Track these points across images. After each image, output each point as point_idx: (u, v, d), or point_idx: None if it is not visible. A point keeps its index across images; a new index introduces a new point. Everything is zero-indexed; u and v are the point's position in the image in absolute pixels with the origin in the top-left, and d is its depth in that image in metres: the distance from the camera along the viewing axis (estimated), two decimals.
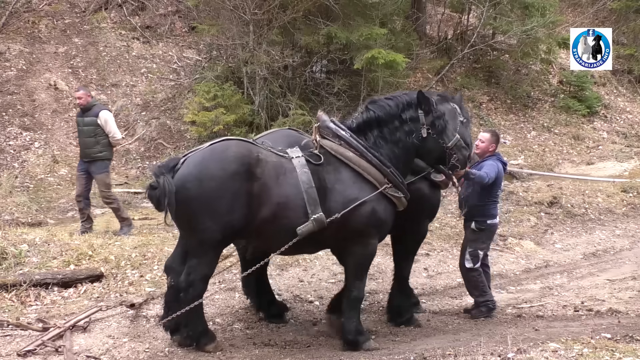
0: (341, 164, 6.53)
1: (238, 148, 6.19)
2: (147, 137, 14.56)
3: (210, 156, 6.16)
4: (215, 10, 15.25)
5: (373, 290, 8.66)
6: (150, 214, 11.58)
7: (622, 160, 16.90)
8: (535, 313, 8.07)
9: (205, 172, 6.04)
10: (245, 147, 6.26)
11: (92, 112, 10.43)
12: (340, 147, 6.56)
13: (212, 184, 5.98)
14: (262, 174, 6.11)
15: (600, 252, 10.87)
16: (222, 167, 6.05)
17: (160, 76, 16.24)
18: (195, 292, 6.21)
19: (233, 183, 6.00)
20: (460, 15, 19.32)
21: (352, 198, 6.40)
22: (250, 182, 6.05)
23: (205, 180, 6.00)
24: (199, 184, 6.00)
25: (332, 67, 15.71)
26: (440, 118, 6.81)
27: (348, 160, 6.52)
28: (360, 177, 6.51)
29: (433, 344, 6.63)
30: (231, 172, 6.01)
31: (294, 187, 6.24)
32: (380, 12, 15.12)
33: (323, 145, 6.61)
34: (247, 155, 6.12)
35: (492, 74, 19.03)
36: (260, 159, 6.16)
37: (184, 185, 5.99)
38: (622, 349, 5.90)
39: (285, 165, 6.31)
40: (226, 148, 6.19)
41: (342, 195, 6.40)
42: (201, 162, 6.10)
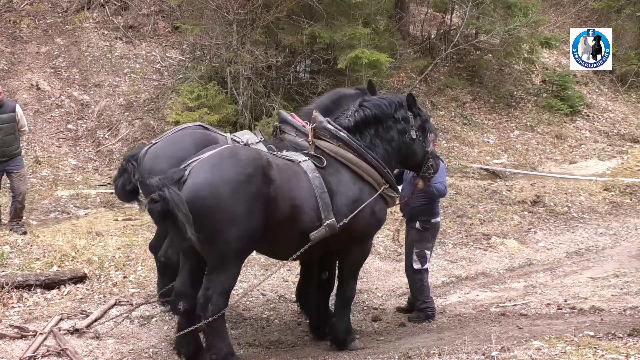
0: (341, 166, 6.43)
1: (248, 151, 5.95)
2: (130, 138, 14.49)
3: (220, 161, 5.74)
4: (199, 10, 15.22)
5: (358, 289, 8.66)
6: (133, 214, 11.53)
7: (604, 159, 17.01)
8: (519, 311, 8.11)
9: (219, 177, 5.62)
10: (254, 150, 6.09)
11: (8, 108, 10.17)
12: (340, 149, 6.45)
13: (229, 188, 5.58)
14: (276, 176, 5.85)
15: (583, 250, 10.92)
16: (236, 171, 5.67)
17: (143, 76, 16.18)
18: (216, 309, 5.68)
19: (250, 186, 5.64)
20: (444, 14, 19.39)
21: (355, 200, 6.34)
22: (266, 184, 5.74)
23: (221, 185, 5.58)
24: (215, 190, 5.56)
25: (316, 66, 15.72)
26: (427, 122, 6.94)
27: (348, 161, 6.42)
28: (359, 178, 6.45)
29: (417, 342, 6.64)
30: (247, 175, 5.66)
31: (306, 191, 6.07)
32: (363, 12, 15.15)
33: (320, 147, 6.47)
34: (258, 158, 5.83)
35: (475, 73, 19.11)
36: (270, 161, 5.90)
37: (198, 194, 5.53)
38: (604, 346, 5.93)
39: (294, 168, 6.13)
40: (236, 152, 5.88)
41: (346, 198, 6.32)
42: (212, 169, 5.67)
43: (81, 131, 14.65)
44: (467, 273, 9.72)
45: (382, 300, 8.53)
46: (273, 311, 7.83)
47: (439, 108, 17.39)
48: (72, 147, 14.29)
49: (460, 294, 8.88)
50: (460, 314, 8.07)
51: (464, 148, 16.82)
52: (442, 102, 17.88)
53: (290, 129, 6.98)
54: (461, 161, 15.97)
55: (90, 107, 15.08)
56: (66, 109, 15.03)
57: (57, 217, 11.51)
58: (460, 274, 9.58)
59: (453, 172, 14.67)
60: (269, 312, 7.81)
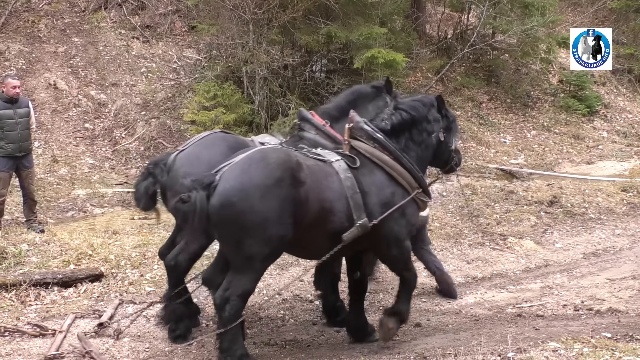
0: (375, 167, 6.41)
1: (277, 154, 5.92)
2: (146, 137, 14.55)
3: (249, 166, 5.77)
4: (215, 9, 15.26)
5: (373, 290, 8.66)
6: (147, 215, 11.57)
7: (622, 159, 16.90)
8: (535, 312, 8.06)
9: (248, 182, 5.64)
10: (283, 151, 6.04)
11: (23, 103, 10.23)
12: (376, 150, 6.44)
13: (258, 193, 5.60)
14: (307, 179, 5.84)
15: (600, 251, 10.85)
16: (265, 175, 5.69)
17: (160, 75, 16.24)
18: (233, 311, 5.74)
19: (279, 190, 5.66)
20: (460, 14, 19.34)
21: (387, 202, 6.31)
22: (295, 187, 5.75)
23: (250, 190, 5.61)
24: (245, 196, 5.60)
25: (332, 66, 15.71)
26: (453, 122, 7.12)
27: (383, 163, 6.41)
28: (393, 180, 6.43)
29: (433, 343, 6.63)
30: (276, 179, 5.67)
31: (337, 192, 6.06)
32: (380, 12, 15.13)
33: (355, 147, 6.47)
34: (288, 160, 5.83)
35: (492, 73, 19.04)
36: (300, 163, 5.90)
37: (228, 200, 5.59)
38: (622, 348, 5.91)
39: (325, 169, 6.12)
40: (265, 155, 5.87)
41: (378, 199, 6.28)
42: (242, 174, 5.71)
43: (98, 130, 14.73)
44: (483, 274, 9.68)
45: None
46: (289, 310, 7.84)
47: (456, 108, 17.32)
48: (89, 146, 14.38)
49: (476, 295, 8.85)
50: (476, 314, 8.04)
51: (480, 148, 16.77)
52: (458, 102, 17.83)
53: (310, 127, 7.06)
54: (477, 161, 15.93)
55: (107, 106, 15.16)
56: (83, 108, 15.12)
57: (74, 216, 11.58)
58: (476, 274, 9.54)
59: (469, 173, 14.64)
60: (285, 311, 7.82)
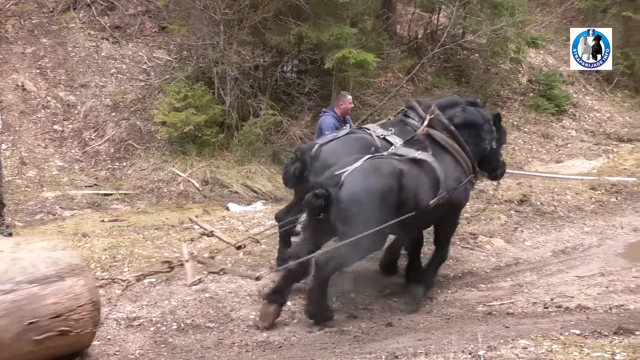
0: (444, 151, 8.11)
1: (387, 166, 7.50)
2: (117, 138, 14.42)
3: (368, 175, 7.37)
4: (186, 10, 15.20)
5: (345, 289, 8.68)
6: (120, 215, 11.51)
7: (590, 158, 17.08)
8: (505, 310, 8.12)
9: (369, 188, 7.27)
10: (391, 164, 7.54)
11: None
12: (448, 139, 8.16)
13: (377, 196, 7.22)
14: (408, 184, 7.47)
15: (569, 249, 10.94)
16: (382, 183, 7.34)
17: (130, 77, 16.11)
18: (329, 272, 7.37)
19: (390, 195, 7.32)
20: (431, 14, 19.39)
21: (456, 179, 8.06)
22: (401, 192, 7.39)
23: (371, 193, 7.22)
24: (367, 197, 7.20)
25: (303, 66, 15.70)
26: (504, 135, 9.11)
27: (453, 149, 8.14)
28: (458, 163, 8.15)
29: (405, 342, 6.65)
30: (389, 186, 7.34)
31: (427, 184, 7.69)
32: (350, 12, 15.14)
33: (431, 134, 8.14)
34: (395, 171, 7.44)
35: (462, 73, 19.12)
36: (403, 171, 7.48)
37: (354, 198, 7.20)
38: (590, 344, 5.96)
39: (417, 169, 7.69)
40: (379, 167, 7.47)
41: (451, 177, 7.96)
42: (364, 181, 7.31)
43: (67, 132, 14.58)
44: (454, 272, 9.72)
45: (370, 300, 8.53)
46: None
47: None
48: (58, 148, 14.22)
49: (447, 294, 8.89)
50: (447, 313, 8.08)
51: None
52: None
53: (415, 114, 8.89)
54: None
55: (77, 107, 15.00)
56: (52, 109, 14.95)
57: (42, 219, 11.47)
58: (447, 273, 9.58)
59: None
60: (256, 312, 7.80)
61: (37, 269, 5.86)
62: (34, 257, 5.95)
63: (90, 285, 6.08)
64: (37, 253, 6.02)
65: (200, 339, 6.95)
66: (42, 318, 5.71)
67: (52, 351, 5.90)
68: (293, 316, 7.78)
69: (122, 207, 12.26)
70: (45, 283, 5.81)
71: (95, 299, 6.07)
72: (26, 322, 5.64)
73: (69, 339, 5.88)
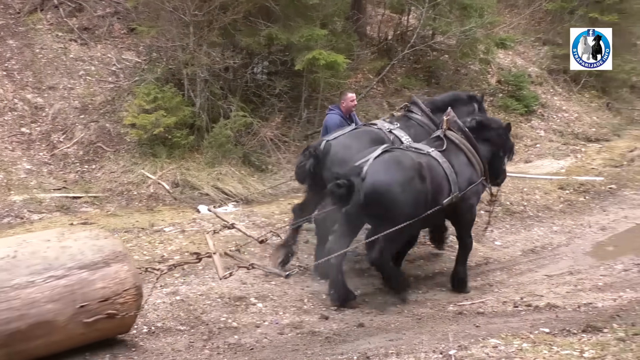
0: (459, 151, 8.77)
1: (407, 158, 8.18)
2: (85, 141, 14.26)
3: (389, 166, 8.03)
4: (155, 11, 15.07)
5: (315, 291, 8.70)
6: (89, 218, 11.41)
7: (558, 158, 17.24)
8: (476, 310, 8.19)
9: (391, 179, 7.91)
10: (410, 157, 8.22)
11: None
12: (463, 139, 8.84)
13: (399, 187, 7.90)
14: (427, 174, 8.14)
15: (539, 248, 11.07)
16: (403, 174, 7.99)
17: (98, 78, 15.94)
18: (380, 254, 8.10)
19: (411, 185, 7.99)
20: (400, 16, 19.42)
21: (469, 179, 8.69)
22: (421, 182, 8.06)
23: (393, 184, 7.89)
24: (389, 187, 7.87)
25: (273, 68, 15.65)
26: (512, 147, 9.83)
27: (467, 149, 8.80)
28: (471, 163, 8.79)
29: (376, 343, 6.68)
30: (410, 177, 8.00)
31: (444, 177, 8.38)
32: (320, 13, 15.12)
33: (448, 135, 8.83)
34: (416, 164, 8.10)
35: (432, 74, 19.18)
36: (422, 163, 8.17)
37: (376, 189, 7.82)
38: (559, 342, 6.04)
39: (432, 162, 8.39)
40: (400, 160, 8.14)
41: (464, 176, 8.62)
42: (386, 172, 7.95)
43: (35, 134, 14.39)
44: (425, 272, 9.80)
45: None
46: (231, 314, 7.81)
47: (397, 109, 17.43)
48: (25, 150, 14.03)
49: (418, 294, 8.96)
50: (419, 313, 8.13)
51: None
52: (399, 103, 17.77)
53: (417, 109, 9.96)
54: None
55: (45, 110, 14.81)
56: (19, 112, 14.76)
57: (10, 223, 11.32)
58: (418, 273, 9.65)
59: None
60: (228, 314, 7.79)
61: (85, 255, 6.30)
62: (81, 245, 6.38)
63: (133, 270, 6.58)
64: (83, 241, 6.44)
65: (171, 342, 6.92)
66: (91, 302, 6.20)
67: (98, 334, 6.41)
68: (264, 318, 7.77)
69: (92, 210, 12.15)
70: (94, 269, 6.27)
71: (138, 283, 6.56)
72: (78, 305, 6.11)
73: (115, 321, 6.39)
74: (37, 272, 6.02)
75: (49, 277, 6.04)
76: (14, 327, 5.83)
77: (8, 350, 5.87)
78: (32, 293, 5.92)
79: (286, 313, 8.04)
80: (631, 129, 20.74)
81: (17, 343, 5.88)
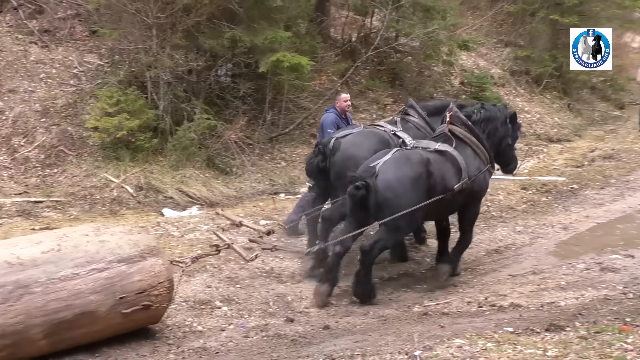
0: (465, 144, 9.13)
1: (416, 156, 8.60)
2: (47, 144, 14.07)
3: (400, 164, 8.44)
4: (117, 13, 14.92)
5: (282, 293, 8.68)
6: (52, 223, 11.27)
7: (521, 158, 17.36)
8: (440, 310, 8.22)
9: (402, 175, 8.36)
10: (419, 154, 8.65)
11: None
12: (467, 133, 9.21)
13: (409, 183, 8.32)
14: (435, 170, 8.54)
15: (502, 248, 11.13)
16: (413, 171, 8.42)
17: (60, 81, 15.75)
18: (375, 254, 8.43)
19: (421, 181, 8.39)
20: (364, 18, 19.49)
21: (477, 169, 9.10)
22: (429, 178, 8.46)
23: (404, 181, 8.32)
24: (401, 184, 8.30)
25: (237, 70, 15.61)
26: (520, 135, 10.34)
27: (471, 142, 9.19)
28: (477, 155, 9.19)
29: (342, 344, 6.67)
30: (419, 173, 8.42)
31: (451, 170, 8.78)
32: (284, 16, 15.13)
33: (452, 130, 9.19)
34: (423, 160, 8.52)
35: (396, 75, 19.29)
36: (430, 160, 8.59)
37: (389, 185, 8.25)
38: (523, 341, 6.08)
39: (440, 157, 8.79)
40: (409, 157, 8.57)
41: (472, 167, 9.01)
42: (397, 170, 8.39)
43: None
44: (390, 274, 9.81)
45: (306, 304, 8.54)
46: (196, 317, 7.76)
47: (361, 110, 17.49)
48: None
49: (383, 295, 8.96)
50: (384, 314, 8.14)
51: None
52: (363, 105, 17.99)
53: (414, 112, 10.48)
54: None
55: (5, 113, 14.58)
56: None
57: None
58: (382, 274, 9.66)
59: None
60: (193, 318, 7.74)
61: (122, 249, 6.66)
62: (118, 240, 6.73)
63: (166, 264, 6.97)
64: (119, 236, 6.80)
65: (135, 347, 6.84)
66: (130, 293, 6.57)
67: (133, 324, 6.81)
68: (230, 322, 7.74)
69: (54, 214, 12.00)
70: (131, 262, 6.64)
71: (170, 277, 6.94)
72: (118, 297, 6.50)
73: (149, 312, 6.78)
74: (80, 264, 6.40)
75: (92, 270, 6.43)
76: (61, 316, 6.21)
77: (55, 339, 6.26)
78: (77, 285, 6.31)
79: (252, 316, 8.01)
80: (592, 129, 21.06)
81: (63, 332, 6.28)
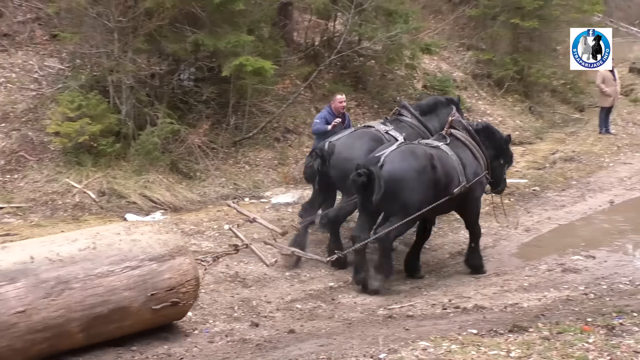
0: (465, 147, 9.70)
1: (420, 150, 9.19)
2: (7, 150, 13.88)
3: (405, 156, 9.00)
4: (78, 17, 14.76)
5: (246, 297, 8.66)
6: (12, 229, 11.13)
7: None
8: (405, 313, 8.26)
9: (407, 167, 8.90)
10: (422, 147, 9.26)
11: None
12: (468, 137, 9.82)
13: (414, 174, 8.88)
14: (438, 164, 9.06)
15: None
16: (417, 163, 8.97)
17: (20, 86, 15.53)
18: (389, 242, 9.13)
19: (425, 173, 8.93)
20: (327, 22, 19.50)
21: (475, 172, 9.64)
22: (433, 171, 8.99)
23: (409, 172, 8.86)
24: (405, 174, 8.82)
25: (200, 74, 15.54)
26: (511, 157, 10.93)
27: (471, 145, 9.77)
28: (475, 158, 9.74)
29: (307, 349, 6.68)
30: (423, 166, 8.96)
31: (453, 167, 9.32)
32: (247, 19, 15.08)
33: (453, 134, 9.80)
34: (427, 154, 9.07)
35: (359, 79, 19.31)
36: (433, 154, 9.12)
37: (394, 175, 8.75)
38: (487, 343, 6.14)
39: (443, 154, 9.34)
40: (414, 150, 9.16)
41: (470, 170, 9.58)
42: (402, 161, 8.92)
43: None
44: None
45: (271, 308, 8.53)
46: None
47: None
48: None
49: (348, 298, 8.99)
50: (349, 318, 8.17)
51: None
52: None
53: (407, 113, 11.12)
54: None
55: None
56: None
57: None
58: (348, 278, 9.67)
59: None
60: None
61: (153, 248, 7.00)
62: (148, 239, 7.06)
63: (193, 263, 7.34)
64: (148, 236, 7.11)
65: (99, 354, 6.78)
66: (160, 290, 6.91)
67: (162, 319, 7.17)
68: (194, 327, 7.70)
69: (15, 220, 11.84)
70: (161, 261, 6.98)
71: (197, 275, 7.31)
72: (149, 293, 6.83)
73: (177, 308, 7.13)
74: (115, 262, 6.73)
75: (126, 267, 6.75)
76: (97, 311, 6.54)
77: (90, 332, 6.58)
78: (112, 281, 6.63)
79: (216, 321, 7.99)
80: (553, 132, 21.27)
81: (99, 326, 6.60)
